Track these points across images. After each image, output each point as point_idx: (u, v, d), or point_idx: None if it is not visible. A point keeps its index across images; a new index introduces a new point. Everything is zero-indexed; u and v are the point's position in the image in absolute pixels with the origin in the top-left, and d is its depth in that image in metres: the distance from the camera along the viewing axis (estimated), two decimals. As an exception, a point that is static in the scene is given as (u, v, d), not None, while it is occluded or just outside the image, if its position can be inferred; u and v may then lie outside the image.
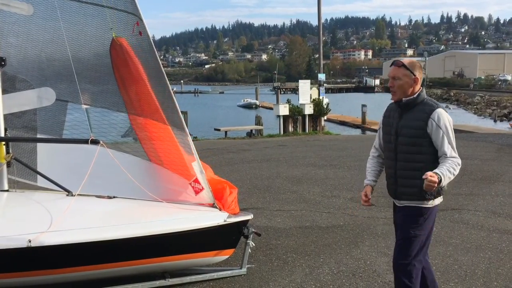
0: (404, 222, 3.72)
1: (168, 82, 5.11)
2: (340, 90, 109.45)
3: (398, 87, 3.62)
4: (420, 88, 3.67)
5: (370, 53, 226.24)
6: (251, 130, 24.73)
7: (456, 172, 3.52)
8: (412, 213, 3.67)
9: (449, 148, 3.55)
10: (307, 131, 23.45)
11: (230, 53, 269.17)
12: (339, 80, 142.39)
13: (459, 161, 3.56)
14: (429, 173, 3.37)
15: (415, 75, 3.62)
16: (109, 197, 5.24)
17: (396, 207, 3.86)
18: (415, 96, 3.64)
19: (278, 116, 23.71)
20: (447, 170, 3.46)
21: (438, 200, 3.72)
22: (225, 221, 4.87)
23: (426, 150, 3.60)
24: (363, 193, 3.93)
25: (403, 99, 3.65)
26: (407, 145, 3.64)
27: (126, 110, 5.25)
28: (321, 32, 27.26)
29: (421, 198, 3.62)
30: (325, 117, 25.31)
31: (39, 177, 5.59)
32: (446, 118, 3.58)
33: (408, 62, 3.67)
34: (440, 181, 3.38)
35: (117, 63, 5.14)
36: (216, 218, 4.88)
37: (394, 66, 3.68)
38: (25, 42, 5.52)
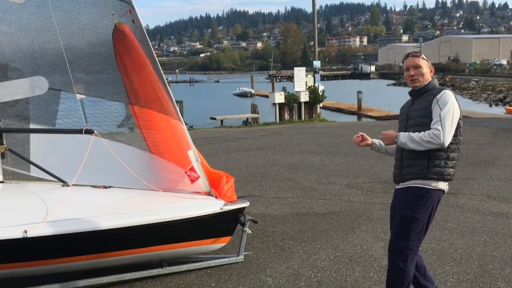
0: (404, 203, 3.71)
1: (162, 71, 5.08)
2: (335, 77, 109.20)
3: (421, 74, 3.74)
4: (432, 77, 3.81)
5: (365, 39, 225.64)
6: (247, 119, 24.71)
7: (426, 139, 3.51)
8: (413, 194, 3.67)
9: (437, 119, 3.55)
10: (303, 118, 23.45)
11: (225, 42, 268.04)
12: (334, 67, 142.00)
13: (438, 133, 3.50)
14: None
15: (430, 65, 3.82)
16: (105, 187, 5.23)
17: (396, 191, 3.85)
18: (426, 83, 3.76)
19: (274, 104, 23.69)
20: (416, 134, 3.57)
21: (442, 185, 3.68)
22: (221, 209, 4.87)
23: None
24: (362, 135, 4.06)
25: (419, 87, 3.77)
26: (415, 126, 3.69)
27: (122, 99, 5.22)
28: (315, 19, 27.12)
29: (423, 177, 3.64)
30: (321, 104, 25.30)
31: (32, 167, 5.56)
32: (450, 98, 3.59)
33: (421, 54, 3.85)
34: (396, 138, 3.66)
35: (119, 50, 5.08)
36: (213, 206, 4.88)
37: (412, 57, 3.81)
38: (17, 30, 5.45)
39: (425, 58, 3.81)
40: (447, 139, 3.53)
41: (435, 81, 3.79)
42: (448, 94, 3.62)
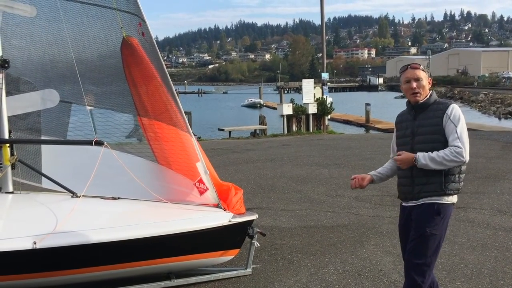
0: (420, 220, 3.67)
1: (171, 83, 5.11)
2: (343, 89, 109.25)
3: (422, 87, 3.71)
4: (430, 89, 3.78)
5: (373, 52, 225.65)
6: (255, 130, 24.73)
7: (450, 158, 3.50)
8: (429, 210, 3.64)
9: (454, 136, 3.55)
10: (311, 130, 23.45)
11: (233, 53, 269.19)
12: (342, 79, 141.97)
13: (460, 150, 3.50)
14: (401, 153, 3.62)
15: (429, 77, 3.80)
16: (114, 198, 5.24)
17: (407, 208, 3.80)
18: (428, 97, 3.74)
19: (282, 115, 23.74)
20: (436, 154, 3.51)
21: (455, 198, 3.69)
22: (229, 221, 4.86)
23: (443, 146, 3.61)
24: (357, 176, 3.93)
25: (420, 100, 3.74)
26: (425, 143, 3.66)
27: (131, 111, 5.26)
28: (324, 31, 27.24)
29: (440, 194, 3.62)
30: (329, 116, 25.32)
31: (43, 178, 5.59)
32: (459, 112, 3.64)
33: (420, 65, 3.81)
34: (415, 162, 3.56)
35: (128, 62, 5.13)
36: (221, 218, 4.88)
37: (411, 69, 3.74)
38: (28, 44, 5.53)
39: (424, 69, 3.78)
40: (468, 155, 3.55)
41: (434, 94, 3.78)
42: (457, 109, 3.66)
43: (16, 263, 4.16)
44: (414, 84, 3.68)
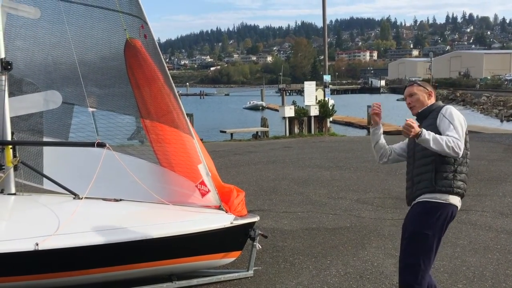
0: (412, 219, 3.70)
1: (174, 86, 5.12)
2: (345, 91, 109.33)
3: (416, 100, 3.88)
4: (435, 100, 3.92)
5: (375, 54, 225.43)
6: (257, 132, 24.70)
7: (449, 145, 3.42)
8: (421, 209, 3.66)
9: (452, 130, 3.54)
10: (312, 132, 23.43)
11: (235, 55, 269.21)
12: (344, 81, 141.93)
13: (459, 142, 3.46)
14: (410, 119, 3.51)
15: (428, 89, 3.92)
16: (116, 200, 5.25)
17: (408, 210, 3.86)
18: (429, 106, 3.86)
19: (284, 117, 23.70)
20: (440, 136, 3.47)
21: (453, 199, 3.64)
22: (231, 223, 4.87)
23: None
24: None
25: (419, 110, 3.88)
26: None
27: (134, 113, 5.28)
28: (326, 34, 27.21)
29: (431, 190, 3.62)
30: (331, 119, 25.26)
31: (45, 180, 5.60)
32: (455, 112, 3.69)
33: (415, 82, 4.06)
34: (419, 134, 3.43)
35: (131, 64, 5.15)
36: (223, 220, 4.88)
37: (407, 87, 4.01)
38: (32, 45, 5.55)
39: (421, 84, 3.95)
40: (462, 149, 3.52)
41: (440, 102, 3.90)
42: (452, 108, 3.76)
43: (18, 264, 4.16)
44: (408, 100, 3.93)
